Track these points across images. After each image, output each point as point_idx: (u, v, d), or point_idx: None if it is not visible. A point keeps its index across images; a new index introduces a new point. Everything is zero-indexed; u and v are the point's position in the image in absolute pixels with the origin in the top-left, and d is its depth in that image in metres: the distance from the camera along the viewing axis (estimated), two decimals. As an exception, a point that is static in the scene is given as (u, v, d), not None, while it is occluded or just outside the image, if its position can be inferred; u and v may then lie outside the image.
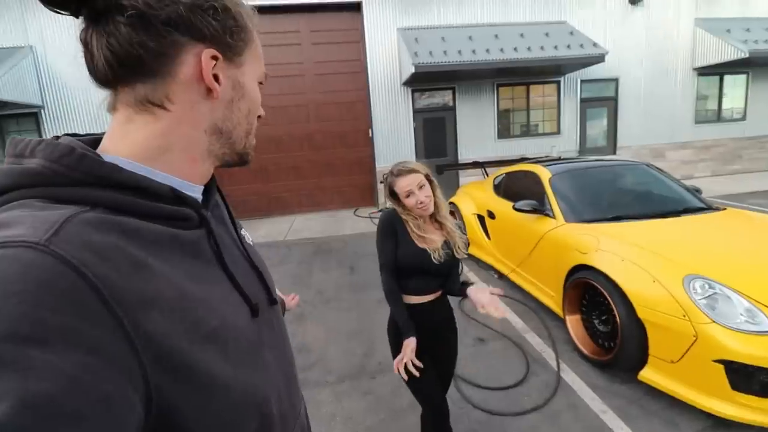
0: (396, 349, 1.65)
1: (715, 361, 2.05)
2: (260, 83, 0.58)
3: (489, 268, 4.63)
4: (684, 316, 2.16)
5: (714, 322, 2.09)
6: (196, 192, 0.53)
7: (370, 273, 4.78)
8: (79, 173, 0.41)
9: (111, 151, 0.46)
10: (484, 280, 4.39)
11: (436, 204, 1.61)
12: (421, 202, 1.55)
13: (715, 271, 2.31)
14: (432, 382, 1.64)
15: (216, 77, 0.49)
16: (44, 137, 0.44)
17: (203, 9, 0.46)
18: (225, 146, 0.54)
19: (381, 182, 8.45)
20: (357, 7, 8.60)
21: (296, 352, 3.27)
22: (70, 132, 0.50)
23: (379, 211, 8.48)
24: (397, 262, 1.59)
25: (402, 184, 1.57)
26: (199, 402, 0.41)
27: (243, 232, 0.66)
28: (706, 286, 2.23)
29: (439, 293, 1.67)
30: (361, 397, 2.54)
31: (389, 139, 9.04)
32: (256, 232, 7.45)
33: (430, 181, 1.61)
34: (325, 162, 9.21)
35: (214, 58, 0.48)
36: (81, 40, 0.46)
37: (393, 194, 1.62)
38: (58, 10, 0.44)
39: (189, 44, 0.46)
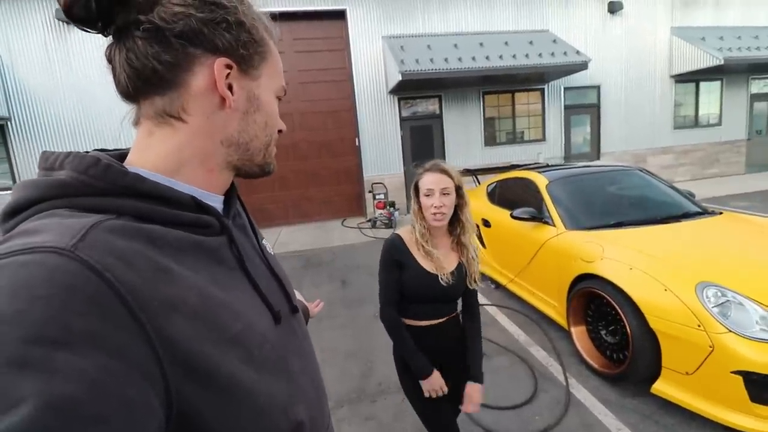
0: (407, 380, 1.53)
1: (734, 372, 1.97)
2: (279, 98, 0.58)
3: (485, 278, 4.52)
4: (699, 326, 2.08)
5: (730, 331, 2.01)
6: (216, 202, 0.54)
7: (363, 287, 4.62)
8: (104, 183, 0.42)
9: (135, 164, 0.48)
10: (481, 291, 4.28)
11: (461, 223, 1.47)
12: (436, 207, 1.39)
13: (725, 277, 2.24)
14: (442, 409, 1.51)
15: (230, 88, 0.50)
16: (11, 151, 0.40)
17: (216, 22, 0.47)
18: (244, 158, 0.54)
19: (369, 192, 8.41)
20: (341, 15, 8.52)
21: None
22: (38, 146, 0.50)
23: (368, 221, 8.33)
24: (403, 287, 1.44)
25: (426, 180, 1.42)
26: (221, 406, 0.41)
27: (264, 242, 0.66)
28: (719, 294, 2.16)
29: (452, 315, 1.53)
30: (362, 422, 2.37)
31: (376, 147, 8.93)
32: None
33: (459, 195, 1.45)
34: (311, 172, 9.03)
35: (228, 67, 0.49)
36: (106, 56, 0.48)
37: (416, 189, 1.47)
38: (86, 29, 0.46)
39: (203, 56, 0.47)
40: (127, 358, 0.34)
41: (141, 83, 0.47)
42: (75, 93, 7.61)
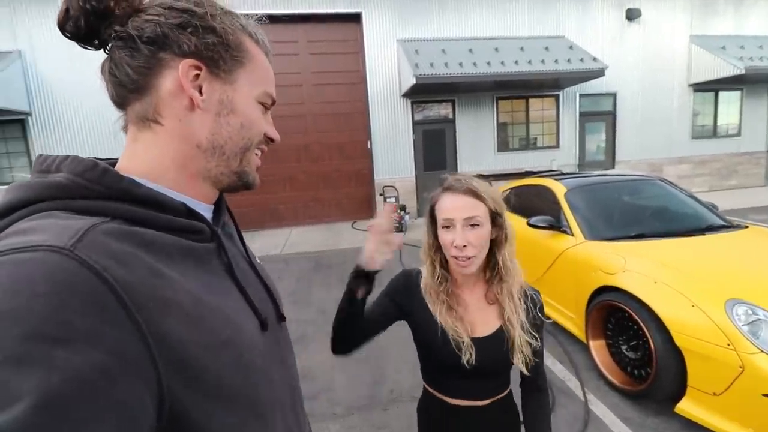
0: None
1: (765, 395, 1.88)
2: (266, 105, 0.58)
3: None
4: (728, 344, 1.99)
5: (762, 351, 1.93)
6: (205, 210, 0.55)
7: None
8: (100, 187, 0.43)
9: (125, 171, 0.48)
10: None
11: (496, 267, 1.00)
12: (457, 247, 0.94)
13: (755, 295, 2.15)
14: None
15: (200, 89, 0.51)
16: (31, 145, 0.50)
17: (182, 26, 0.49)
18: (220, 164, 0.54)
19: (380, 194, 8.38)
20: (356, 18, 8.54)
21: (300, 377, 3.04)
22: (58, 140, 0.49)
23: (378, 224, 8.28)
24: (418, 349, 1.08)
25: (444, 206, 0.98)
26: (210, 409, 0.42)
27: (252, 252, 0.69)
28: (749, 312, 2.07)
29: (498, 396, 1.04)
30: (373, 431, 2.31)
31: (388, 151, 8.91)
32: (251, 245, 7.19)
33: (497, 225, 0.99)
34: (323, 173, 9.03)
35: (197, 68, 0.50)
36: (100, 71, 0.51)
37: (432, 215, 1.03)
38: (86, 46, 0.51)
39: (171, 60, 0.49)
40: (124, 356, 0.34)
41: (121, 90, 0.50)
42: (95, 88, 7.67)
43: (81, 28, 0.48)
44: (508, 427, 1.08)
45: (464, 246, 0.93)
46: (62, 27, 0.48)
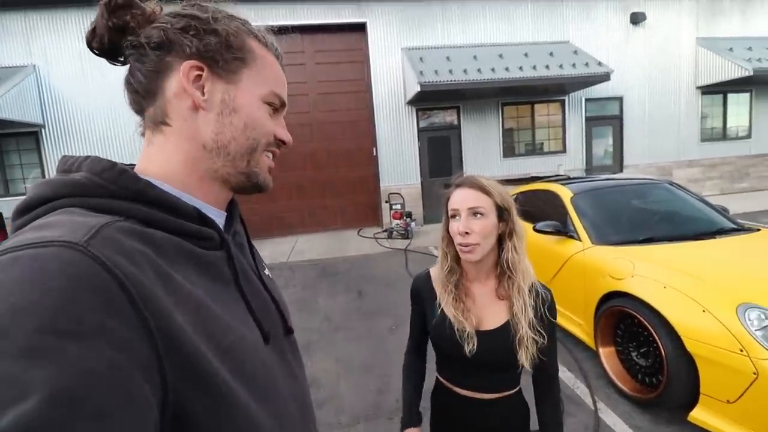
0: (434, 423, 1.21)
1: (781, 402, 1.83)
2: (273, 105, 0.58)
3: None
4: (741, 350, 1.95)
5: (776, 357, 1.88)
6: (217, 216, 0.56)
7: (379, 298, 4.55)
8: (116, 187, 0.45)
9: (142, 173, 0.50)
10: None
11: (504, 262, 1.05)
12: (460, 233, 1.02)
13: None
14: None
15: (203, 90, 0.52)
16: (44, 156, 0.51)
17: (185, 30, 0.51)
18: (227, 164, 0.54)
19: (386, 202, 8.38)
20: (361, 28, 8.62)
21: (304, 386, 3.03)
22: (69, 152, 0.43)
23: (384, 231, 8.28)
24: (430, 339, 1.18)
25: (453, 198, 1.07)
26: (218, 413, 0.41)
27: (263, 264, 0.68)
28: (762, 317, 2.02)
29: (508, 392, 1.08)
30: (379, 441, 2.29)
31: (393, 158, 8.92)
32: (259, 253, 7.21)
33: (503, 220, 1.05)
34: (329, 181, 9.07)
35: (199, 69, 0.51)
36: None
37: (446, 211, 1.11)
38: (113, 62, 0.55)
39: (175, 63, 0.51)
40: (131, 352, 0.35)
41: (136, 96, 0.53)
42: (106, 102, 7.81)
43: (104, 43, 0.52)
44: (515, 424, 1.11)
45: (467, 233, 1.01)
46: (90, 44, 0.52)
